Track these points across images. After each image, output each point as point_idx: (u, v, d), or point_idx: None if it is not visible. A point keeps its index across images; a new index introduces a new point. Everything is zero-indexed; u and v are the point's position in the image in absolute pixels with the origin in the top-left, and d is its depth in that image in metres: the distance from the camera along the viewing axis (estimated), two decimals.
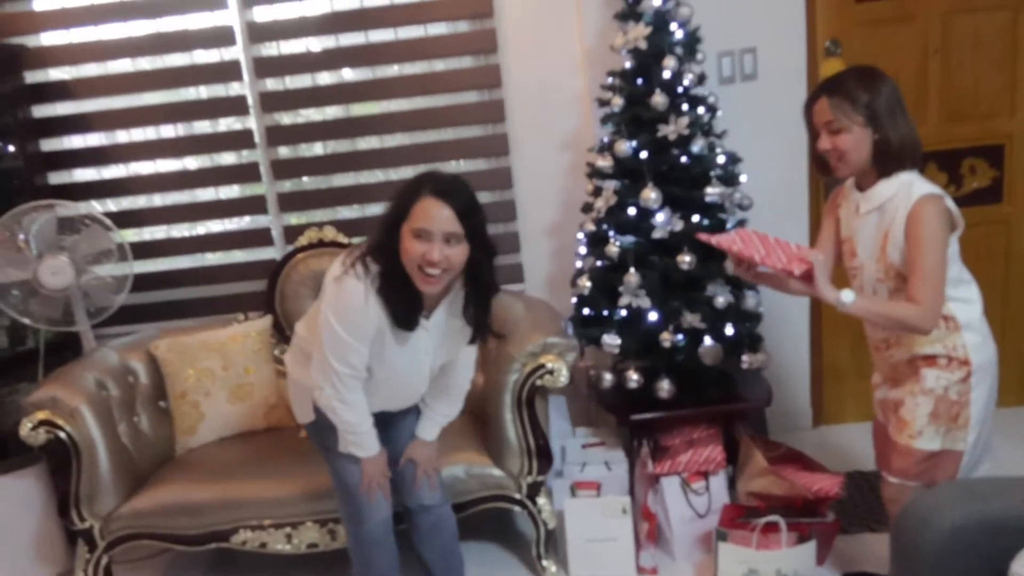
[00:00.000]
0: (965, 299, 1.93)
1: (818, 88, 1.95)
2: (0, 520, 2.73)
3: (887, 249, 1.90)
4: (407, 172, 3.17)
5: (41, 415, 2.43)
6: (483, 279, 1.90)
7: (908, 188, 1.86)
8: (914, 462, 1.96)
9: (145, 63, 3.15)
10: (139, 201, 3.28)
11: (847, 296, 1.85)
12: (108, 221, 2.87)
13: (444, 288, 1.88)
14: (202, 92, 3.18)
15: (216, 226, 3.32)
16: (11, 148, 2.99)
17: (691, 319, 2.57)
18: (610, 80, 2.76)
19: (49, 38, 3.11)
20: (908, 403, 1.97)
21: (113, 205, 3.27)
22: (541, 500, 2.52)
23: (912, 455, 1.95)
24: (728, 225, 2.68)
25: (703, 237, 2.02)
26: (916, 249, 1.83)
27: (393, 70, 3.17)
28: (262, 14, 3.09)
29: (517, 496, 2.51)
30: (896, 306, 1.86)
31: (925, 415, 1.93)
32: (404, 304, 1.84)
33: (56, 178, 3.22)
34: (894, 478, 2.01)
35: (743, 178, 2.74)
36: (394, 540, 2.20)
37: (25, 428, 2.42)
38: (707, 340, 2.56)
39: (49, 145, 3.18)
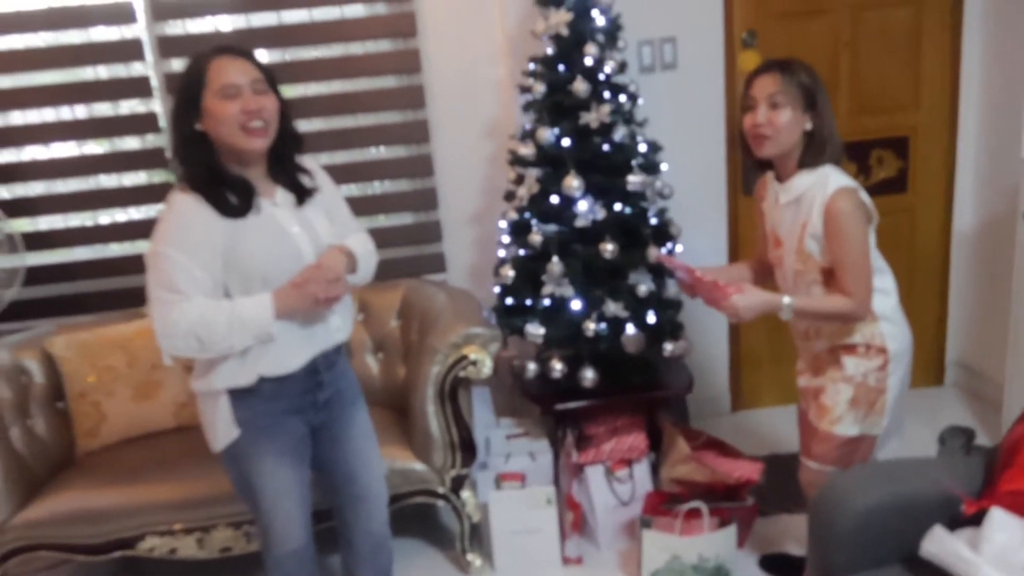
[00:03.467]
0: (882, 289, 1.97)
1: (768, 63, 1.94)
2: None
3: (804, 240, 1.93)
4: (324, 159, 3.06)
5: None
6: (290, 132, 1.84)
7: (824, 180, 1.89)
8: (834, 447, 2.00)
9: (39, 39, 2.93)
10: (33, 188, 3.06)
11: (786, 300, 1.88)
12: None
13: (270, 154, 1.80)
14: (101, 72, 3.00)
15: (120, 215, 3.13)
16: None
17: (614, 308, 2.57)
18: (532, 67, 2.72)
19: None
20: (829, 390, 2.01)
21: (5, 192, 3.04)
22: (465, 494, 2.48)
23: (832, 440, 2.00)
24: (650, 214, 2.69)
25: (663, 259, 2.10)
26: (839, 243, 1.86)
27: (308, 52, 3.04)
28: None
29: (440, 490, 2.46)
30: (831, 300, 1.91)
31: (845, 402, 1.98)
32: (231, 189, 1.73)
33: None
34: (813, 463, 2.05)
35: (664, 166, 2.75)
36: (312, 566, 2.04)
37: None
38: (630, 328, 2.57)
39: None
